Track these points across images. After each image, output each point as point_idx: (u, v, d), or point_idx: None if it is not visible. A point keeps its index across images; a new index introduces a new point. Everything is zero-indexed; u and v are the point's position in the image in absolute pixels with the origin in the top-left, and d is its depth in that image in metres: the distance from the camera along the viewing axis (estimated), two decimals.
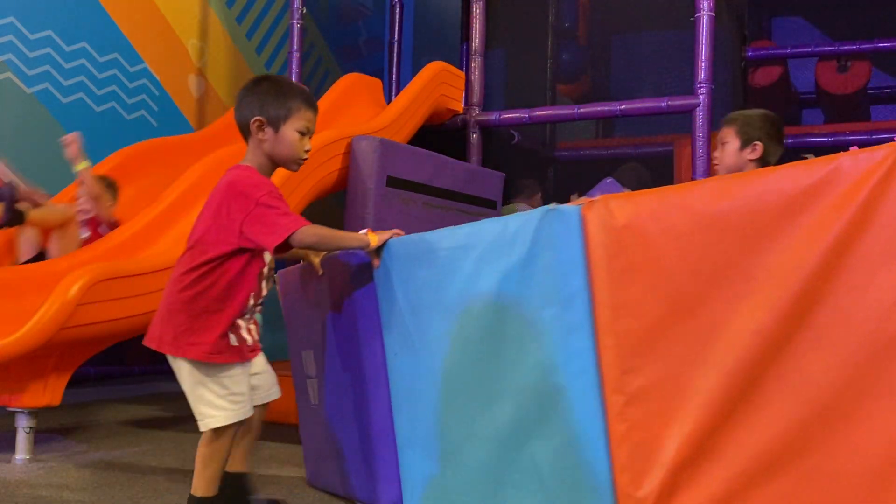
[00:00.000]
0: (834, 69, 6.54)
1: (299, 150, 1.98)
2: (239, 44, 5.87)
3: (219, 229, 1.89)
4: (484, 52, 5.18)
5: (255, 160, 1.98)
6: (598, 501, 1.62)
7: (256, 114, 1.94)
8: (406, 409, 2.04)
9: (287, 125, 1.96)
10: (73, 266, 3.15)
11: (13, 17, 4.30)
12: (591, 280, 1.65)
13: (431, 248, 1.97)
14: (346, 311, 2.17)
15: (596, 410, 1.63)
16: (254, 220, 1.86)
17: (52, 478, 2.50)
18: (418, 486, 2.02)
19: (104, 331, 2.89)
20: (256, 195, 1.87)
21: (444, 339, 1.91)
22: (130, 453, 2.90)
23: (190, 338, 1.89)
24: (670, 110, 4.44)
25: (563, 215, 1.69)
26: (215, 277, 1.89)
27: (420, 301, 1.97)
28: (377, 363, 2.10)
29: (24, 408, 2.75)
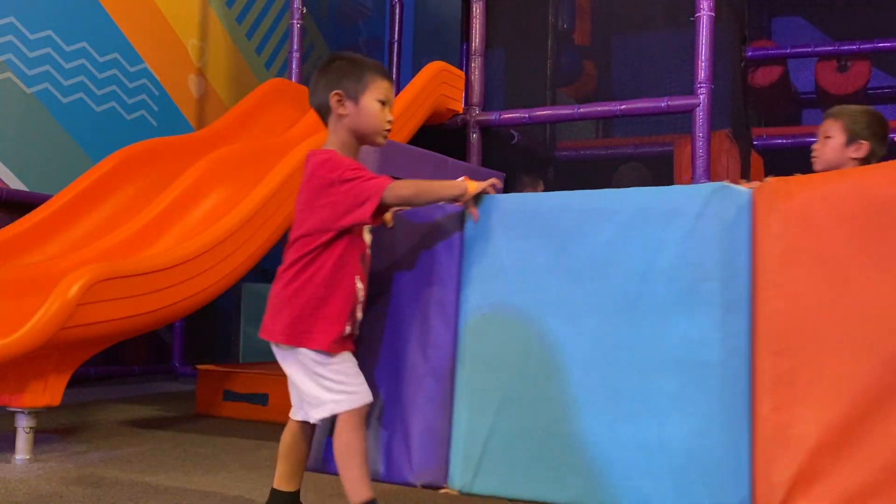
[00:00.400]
0: (834, 69, 6.54)
1: (382, 119, 1.95)
2: (239, 44, 5.87)
3: (315, 219, 1.87)
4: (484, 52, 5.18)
5: (338, 140, 1.95)
6: (734, 484, 1.60)
7: (334, 88, 1.92)
8: (487, 370, 1.91)
9: (366, 96, 1.93)
10: (73, 266, 3.15)
11: (13, 17, 4.31)
12: (755, 259, 1.67)
13: (555, 207, 1.89)
14: (415, 267, 2.05)
15: (743, 391, 1.63)
16: (343, 198, 1.84)
17: (52, 478, 2.50)
18: (493, 458, 1.87)
19: (104, 331, 2.89)
20: (336, 175, 1.85)
21: (563, 303, 1.83)
22: (130, 453, 2.90)
23: (302, 326, 1.86)
24: (670, 110, 4.44)
25: (734, 194, 1.71)
26: (319, 265, 1.86)
27: (533, 261, 1.88)
28: (444, 323, 1.98)
29: (24, 408, 2.75)
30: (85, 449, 2.96)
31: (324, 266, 1.87)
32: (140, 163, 4.12)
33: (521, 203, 1.94)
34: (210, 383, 3.81)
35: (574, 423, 1.78)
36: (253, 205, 3.50)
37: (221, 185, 3.89)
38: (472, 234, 1.96)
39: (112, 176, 3.97)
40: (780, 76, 6.60)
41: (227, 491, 2.36)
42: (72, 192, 3.82)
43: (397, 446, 1.99)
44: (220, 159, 3.94)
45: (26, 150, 4.36)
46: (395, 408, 1.97)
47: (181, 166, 4.07)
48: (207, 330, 5.37)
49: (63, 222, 3.74)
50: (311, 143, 3.93)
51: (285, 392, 3.82)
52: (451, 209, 2.00)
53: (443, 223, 2.01)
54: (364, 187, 1.84)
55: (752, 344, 1.65)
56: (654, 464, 1.68)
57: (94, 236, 3.73)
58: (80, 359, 2.94)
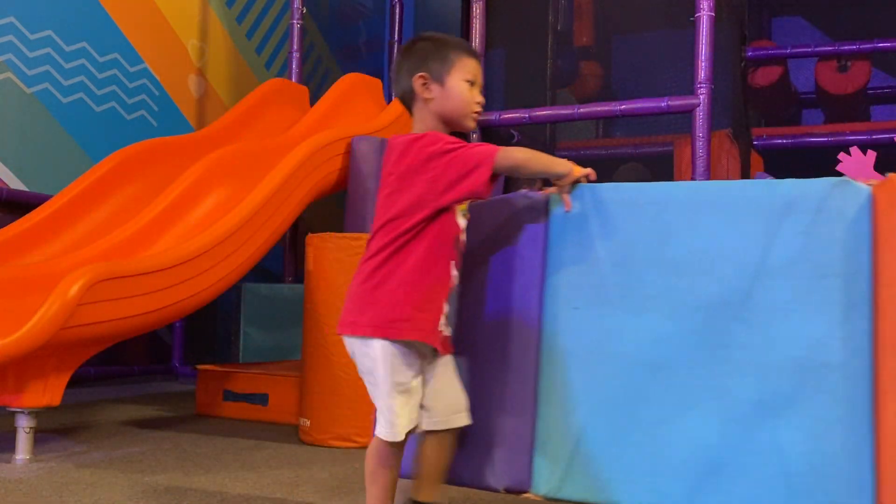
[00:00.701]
0: (834, 69, 6.53)
1: (470, 100, 1.82)
2: (239, 44, 5.87)
3: (408, 198, 1.72)
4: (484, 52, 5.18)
5: (424, 128, 1.81)
6: (856, 492, 1.54)
7: (419, 71, 1.80)
8: (579, 369, 1.80)
9: (452, 76, 1.80)
10: (73, 266, 3.15)
11: (13, 17, 4.31)
12: (876, 257, 1.63)
13: (657, 198, 1.80)
14: (494, 259, 1.94)
15: (865, 393, 1.57)
16: (447, 169, 1.70)
17: (52, 478, 2.50)
18: (583, 461, 1.76)
19: (104, 331, 2.89)
20: (438, 147, 1.72)
21: (665, 298, 1.74)
22: (130, 453, 2.90)
23: (392, 315, 1.70)
24: (670, 110, 4.43)
25: (854, 190, 1.67)
26: (410, 249, 1.71)
27: (631, 253, 1.79)
28: (527, 319, 1.87)
29: (24, 408, 2.75)
30: (85, 449, 2.96)
31: (416, 250, 1.72)
32: (140, 163, 4.12)
33: (618, 193, 1.83)
34: (210, 383, 3.81)
35: (678, 426, 1.69)
36: (253, 205, 3.50)
37: (221, 185, 3.89)
38: (560, 225, 1.86)
39: (112, 176, 3.97)
40: (780, 76, 6.60)
41: (227, 491, 2.36)
42: (72, 192, 3.82)
43: (477, 448, 1.88)
44: (220, 159, 3.94)
45: (26, 150, 4.36)
46: (474, 407, 1.84)
47: (181, 166, 4.07)
48: (207, 330, 5.37)
49: (63, 222, 3.75)
50: (311, 143, 3.93)
51: (285, 392, 3.83)
52: (534, 196, 1.89)
53: (524, 212, 1.90)
54: (472, 153, 1.70)
55: (874, 345, 1.59)
56: (767, 469, 1.61)
57: (94, 236, 3.73)
58: (80, 359, 2.94)
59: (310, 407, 3.09)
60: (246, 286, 4.59)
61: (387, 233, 1.73)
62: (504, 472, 1.84)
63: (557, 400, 1.81)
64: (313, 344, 3.09)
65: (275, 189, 3.61)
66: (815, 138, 6.07)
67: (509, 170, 1.75)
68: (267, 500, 2.26)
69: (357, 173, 3.97)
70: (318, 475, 2.58)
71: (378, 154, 3.95)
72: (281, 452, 2.95)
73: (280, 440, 3.16)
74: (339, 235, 3.11)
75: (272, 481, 2.49)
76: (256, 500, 2.26)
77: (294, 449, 3.01)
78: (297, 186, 3.77)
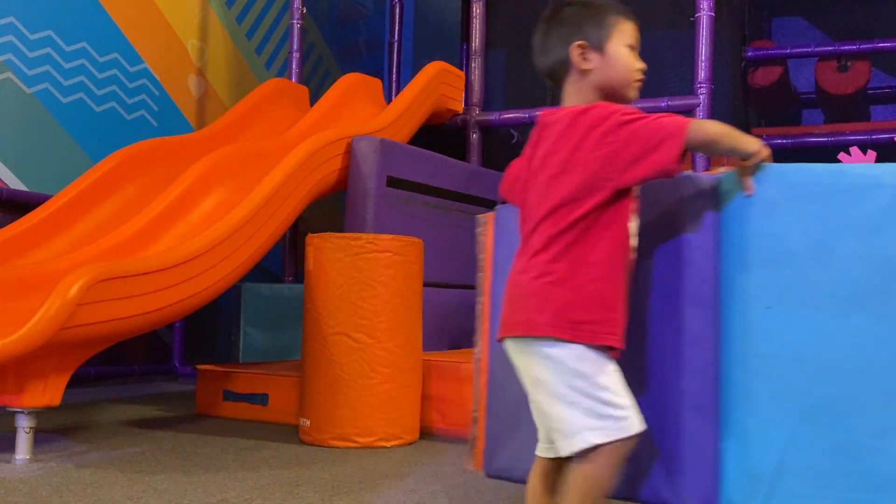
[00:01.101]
0: (834, 69, 6.53)
1: (633, 68, 1.62)
2: (239, 44, 5.87)
3: (578, 178, 1.50)
4: (484, 52, 5.18)
5: (582, 100, 1.59)
6: None
7: (574, 38, 1.59)
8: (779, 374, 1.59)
9: (612, 42, 1.60)
10: (74, 266, 3.15)
11: (13, 17, 4.31)
12: None
13: (863, 183, 1.58)
14: (657, 251, 1.71)
15: None
16: (628, 142, 1.48)
17: (52, 478, 2.50)
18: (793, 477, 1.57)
19: (104, 331, 2.89)
20: (614, 120, 1.49)
21: (878, 295, 1.55)
22: (130, 453, 2.90)
23: (577, 315, 1.47)
24: (670, 110, 4.45)
25: None
26: (591, 240, 1.50)
27: (836, 246, 1.58)
28: (702, 321, 1.66)
29: (24, 408, 2.75)
30: (85, 449, 2.96)
31: (598, 239, 1.50)
32: (140, 163, 4.12)
33: (813, 176, 1.61)
34: (210, 383, 3.81)
35: None
36: (253, 205, 3.50)
37: (221, 185, 3.89)
38: (738, 212, 1.63)
39: (112, 176, 3.97)
40: (780, 76, 6.60)
41: (227, 491, 2.36)
42: (72, 192, 3.82)
43: (653, 461, 1.68)
44: (220, 159, 3.94)
45: (26, 150, 4.36)
46: (647, 417, 1.61)
47: (181, 166, 4.07)
48: (207, 330, 5.37)
49: (63, 222, 3.75)
50: (312, 143, 3.93)
51: (285, 392, 3.82)
52: (700, 179, 1.68)
53: (690, 196, 1.67)
54: (658, 125, 1.48)
55: None
56: None
57: (94, 236, 3.73)
58: (80, 359, 2.94)
59: (310, 407, 3.09)
60: (246, 286, 4.59)
61: (556, 222, 1.51)
62: (687, 488, 1.65)
63: (753, 410, 1.61)
64: (313, 344, 3.09)
65: (275, 189, 3.61)
66: (815, 138, 6.07)
67: (700, 145, 1.52)
68: (267, 500, 2.26)
69: (357, 173, 3.96)
70: (318, 475, 2.58)
71: (378, 154, 3.95)
72: (281, 452, 2.95)
73: (280, 440, 3.16)
74: (339, 235, 3.11)
75: (272, 481, 2.49)
76: (256, 500, 2.26)
77: (294, 449, 3.01)
78: (297, 186, 3.77)
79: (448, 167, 4.43)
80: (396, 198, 4.03)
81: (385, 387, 3.04)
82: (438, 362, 3.36)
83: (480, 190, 4.66)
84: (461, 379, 3.29)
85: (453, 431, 3.29)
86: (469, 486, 2.46)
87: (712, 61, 4.29)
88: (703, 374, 1.64)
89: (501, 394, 1.98)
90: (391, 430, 3.05)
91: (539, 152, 1.59)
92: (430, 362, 3.34)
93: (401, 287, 3.10)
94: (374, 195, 3.91)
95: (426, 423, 3.29)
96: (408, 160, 4.14)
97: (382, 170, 3.96)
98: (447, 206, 4.37)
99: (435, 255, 3.90)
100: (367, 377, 3.01)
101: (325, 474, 2.59)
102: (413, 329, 3.17)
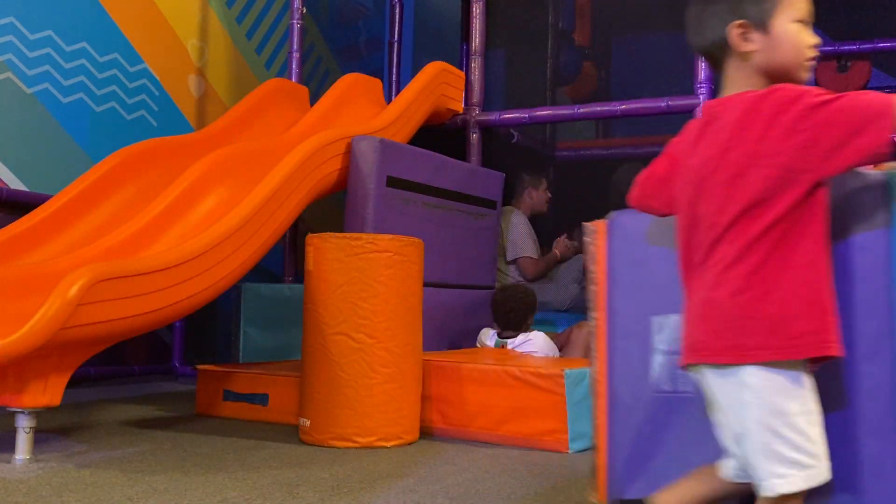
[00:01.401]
0: (834, 69, 6.54)
1: (803, 45, 1.42)
2: (239, 44, 5.87)
3: (769, 176, 1.33)
4: (484, 52, 5.18)
5: (746, 86, 1.42)
6: None
7: (734, 17, 1.41)
8: None
9: (778, 18, 1.41)
10: (73, 266, 3.15)
11: (13, 17, 4.31)
12: None
13: None
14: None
15: None
16: (829, 126, 1.30)
17: (52, 478, 2.50)
18: None
19: (104, 331, 2.89)
20: (804, 102, 1.32)
21: None
22: (130, 453, 2.90)
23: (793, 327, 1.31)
24: (670, 110, 4.45)
25: None
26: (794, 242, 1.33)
27: None
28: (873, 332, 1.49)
29: (24, 408, 2.75)
30: (85, 449, 2.96)
31: (801, 238, 1.33)
32: (140, 163, 4.12)
33: None
34: (210, 383, 3.81)
35: None
36: (253, 205, 3.50)
37: (221, 185, 3.89)
38: None
39: (112, 176, 3.97)
40: None
41: (227, 491, 2.36)
42: (72, 192, 3.82)
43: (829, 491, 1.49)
44: (220, 159, 3.94)
45: (26, 150, 4.36)
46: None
47: (181, 166, 4.07)
48: (207, 330, 5.37)
49: (63, 222, 3.75)
50: (312, 143, 3.93)
51: (285, 392, 3.83)
52: (871, 176, 1.50)
53: (858, 194, 1.50)
54: (859, 103, 1.30)
55: None
56: None
57: (94, 236, 3.73)
58: (80, 359, 2.94)
59: (310, 407, 3.09)
60: (246, 286, 4.59)
61: (748, 226, 1.34)
62: None
63: None
64: (313, 344, 3.09)
65: (275, 189, 3.61)
66: None
67: None
68: (267, 500, 2.26)
69: (357, 173, 3.96)
70: (318, 475, 2.58)
71: (378, 154, 3.95)
72: (281, 452, 2.95)
73: (280, 440, 3.16)
74: (339, 235, 3.11)
75: (272, 481, 2.49)
76: (256, 500, 2.26)
77: (294, 449, 3.01)
78: (297, 186, 3.77)
79: (448, 167, 4.43)
80: (396, 198, 4.02)
81: (385, 387, 3.04)
82: (438, 362, 3.36)
83: (480, 190, 4.66)
84: (461, 379, 3.29)
85: (453, 431, 3.29)
86: (469, 486, 2.46)
87: None
88: (879, 391, 1.47)
89: (630, 419, 1.85)
90: (391, 430, 3.05)
91: (705, 150, 1.42)
92: (430, 362, 3.34)
93: (401, 287, 3.10)
94: (374, 195, 3.91)
95: (426, 423, 3.29)
96: (408, 160, 4.14)
97: (382, 170, 3.96)
98: (447, 206, 4.37)
99: (435, 255, 3.90)
100: (367, 377, 3.01)
101: (324, 474, 2.59)
102: (413, 329, 3.17)
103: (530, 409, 3.12)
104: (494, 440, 3.19)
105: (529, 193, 5.31)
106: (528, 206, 5.31)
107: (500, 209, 4.86)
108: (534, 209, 5.34)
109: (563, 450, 3.04)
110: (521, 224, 5.13)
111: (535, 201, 5.34)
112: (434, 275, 3.96)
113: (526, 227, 5.14)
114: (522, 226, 5.13)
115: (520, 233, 5.09)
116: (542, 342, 3.87)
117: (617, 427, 1.86)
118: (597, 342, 1.91)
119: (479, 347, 4.05)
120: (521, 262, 5.06)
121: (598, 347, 1.91)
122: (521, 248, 5.08)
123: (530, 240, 5.13)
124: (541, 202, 5.37)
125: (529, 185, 5.32)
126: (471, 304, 4.45)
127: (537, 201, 5.35)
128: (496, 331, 4.02)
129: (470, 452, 2.99)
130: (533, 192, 5.32)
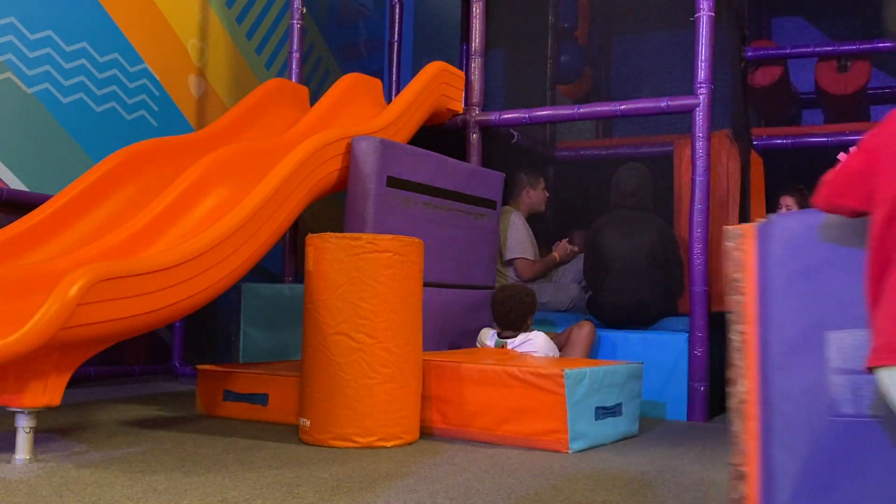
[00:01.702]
0: (834, 69, 6.54)
1: None
2: (239, 44, 5.87)
3: None
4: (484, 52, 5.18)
5: None
6: None
7: None
8: None
9: None
10: (73, 266, 3.15)
11: (13, 17, 4.31)
12: None
13: None
14: None
15: None
16: None
17: (52, 478, 2.50)
18: None
19: (104, 331, 2.89)
20: None
21: None
22: (130, 453, 2.90)
23: None
24: (670, 110, 4.44)
25: None
26: None
27: None
28: None
29: (24, 408, 2.75)
30: (85, 449, 2.96)
31: None
32: (140, 163, 4.12)
33: None
34: (210, 383, 3.81)
35: None
36: (253, 205, 3.50)
37: (221, 185, 3.89)
38: None
39: (112, 176, 3.97)
40: (780, 76, 6.60)
41: (227, 491, 2.36)
42: (72, 192, 3.82)
43: None
44: (220, 159, 3.94)
45: (26, 150, 4.36)
46: None
47: (181, 166, 4.07)
48: (207, 330, 5.37)
49: (63, 222, 3.75)
50: (312, 143, 3.93)
51: (285, 392, 3.83)
52: None
53: None
54: None
55: None
56: None
57: (94, 236, 3.73)
58: (80, 359, 2.95)
59: (310, 407, 3.10)
60: (246, 286, 4.59)
61: None
62: None
63: None
64: (313, 344, 3.09)
65: (275, 189, 3.61)
66: (815, 138, 6.07)
67: None
68: (267, 500, 2.26)
69: (357, 173, 3.96)
70: (318, 475, 2.58)
71: (378, 154, 3.95)
72: (281, 452, 2.95)
73: (280, 440, 3.16)
74: (339, 235, 3.11)
75: (272, 481, 2.49)
76: (256, 500, 2.26)
77: (294, 449, 3.01)
78: (297, 186, 3.77)
79: (448, 167, 4.43)
80: (396, 198, 4.02)
81: (385, 387, 3.04)
82: (438, 362, 3.36)
83: (480, 190, 4.66)
84: (461, 379, 3.29)
85: (453, 431, 3.29)
86: (469, 485, 2.46)
87: (712, 61, 4.29)
88: None
89: (796, 445, 1.62)
90: (391, 430, 3.05)
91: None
92: (430, 362, 3.34)
93: (401, 287, 3.10)
94: (374, 195, 3.91)
95: (426, 423, 3.29)
96: (408, 160, 4.14)
97: (382, 170, 3.96)
98: (447, 206, 4.37)
99: (435, 255, 3.90)
100: (367, 377, 3.01)
101: (324, 474, 2.59)
102: (413, 329, 3.17)
103: (530, 409, 3.12)
104: (494, 440, 3.19)
105: (527, 193, 5.30)
106: (526, 206, 5.30)
107: (500, 209, 4.86)
108: (532, 209, 5.34)
109: (563, 450, 3.04)
110: (519, 224, 5.12)
111: (534, 201, 5.33)
112: (434, 275, 3.96)
113: (523, 228, 5.13)
114: (520, 226, 5.12)
115: (516, 234, 5.08)
116: (542, 342, 3.87)
117: (776, 455, 1.63)
118: (745, 359, 1.71)
119: (479, 347, 4.05)
120: (517, 263, 5.06)
121: (746, 365, 1.70)
122: (516, 249, 5.07)
123: (527, 241, 5.12)
124: (539, 202, 5.36)
125: (527, 184, 5.31)
126: (471, 304, 4.45)
127: (535, 201, 5.34)
128: (496, 331, 4.02)
129: (470, 452, 3.00)
130: (531, 192, 5.31)
